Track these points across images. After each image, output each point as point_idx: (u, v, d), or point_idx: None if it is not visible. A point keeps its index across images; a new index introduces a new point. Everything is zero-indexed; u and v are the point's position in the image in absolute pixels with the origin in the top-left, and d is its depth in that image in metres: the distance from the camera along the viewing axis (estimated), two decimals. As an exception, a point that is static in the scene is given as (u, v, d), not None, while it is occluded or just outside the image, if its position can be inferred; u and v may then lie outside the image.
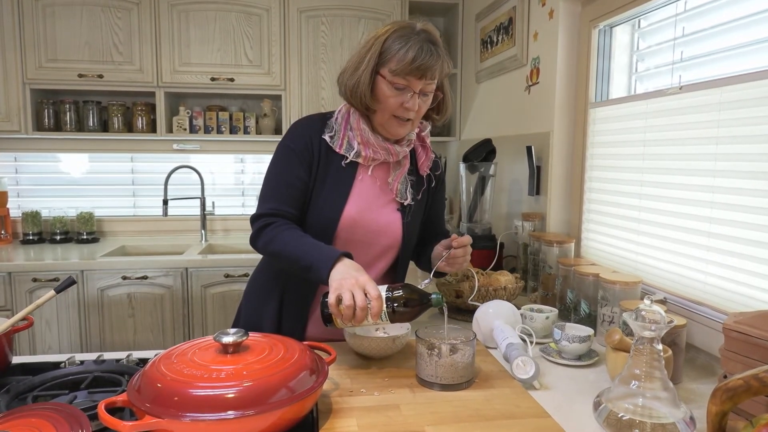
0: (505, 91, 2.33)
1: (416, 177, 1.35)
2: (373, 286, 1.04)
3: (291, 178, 1.24)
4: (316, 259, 1.11)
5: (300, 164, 1.25)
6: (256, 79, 2.76)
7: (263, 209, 1.24)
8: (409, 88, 1.18)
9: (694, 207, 1.30)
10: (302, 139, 1.26)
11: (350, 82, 1.22)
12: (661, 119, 1.43)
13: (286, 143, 1.27)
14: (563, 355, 1.26)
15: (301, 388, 0.85)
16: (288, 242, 1.17)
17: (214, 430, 0.78)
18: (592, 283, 1.44)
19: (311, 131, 1.27)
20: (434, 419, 0.93)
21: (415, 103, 1.19)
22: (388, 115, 1.22)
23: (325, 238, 1.24)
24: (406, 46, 1.16)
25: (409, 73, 1.16)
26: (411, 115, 1.21)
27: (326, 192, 1.26)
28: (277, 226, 1.21)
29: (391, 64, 1.17)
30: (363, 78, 1.19)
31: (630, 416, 0.91)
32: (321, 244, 1.16)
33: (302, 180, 1.25)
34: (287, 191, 1.24)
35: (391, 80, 1.18)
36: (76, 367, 1.03)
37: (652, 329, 0.92)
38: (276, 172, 1.26)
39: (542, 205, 1.96)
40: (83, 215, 2.91)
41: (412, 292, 1.08)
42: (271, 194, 1.25)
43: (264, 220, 1.22)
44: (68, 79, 2.62)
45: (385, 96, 1.20)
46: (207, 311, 2.53)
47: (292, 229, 1.20)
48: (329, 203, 1.25)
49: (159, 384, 0.81)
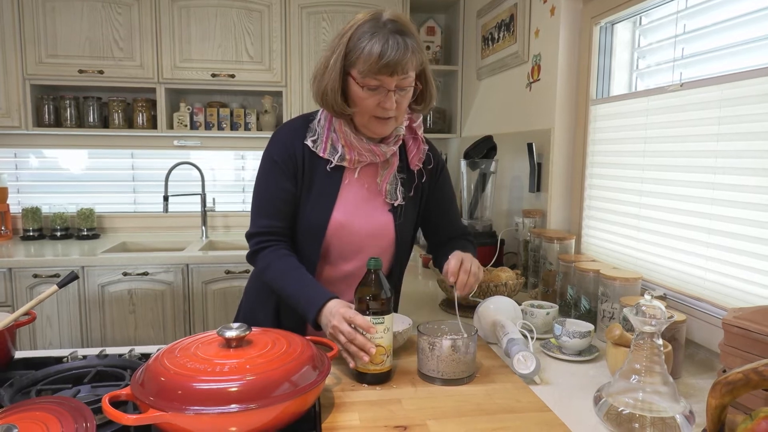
0: (506, 88, 2.33)
1: (407, 173, 1.31)
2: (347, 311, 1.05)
3: (278, 192, 1.23)
4: (304, 303, 1.13)
5: (284, 175, 1.22)
6: (256, 75, 2.76)
7: (256, 227, 1.24)
8: (383, 87, 1.11)
9: (695, 204, 1.31)
10: (284, 148, 1.23)
11: (320, 89, 1.16)
12: (662, 116, 1.43)
13: (270, 155, 1.24)
14: (564, 350, 1.27)
15: (303, 382, 0.85)
16: (279, 277, 1.19)
17: (217, 423, 0.79)
18: (593, 279, 1.45)
19: (293, 138, 1.24)
20: (436, 413, 0.94)
21: (393, 101, 1.13)
22: (368, 116, 1.16)
23: (315, 244, 1.24)
24: (371, 42, 1.08)
25: (379, 71, 1.09)
26: (391, 114, 1.15)
27: (313, 199, 1.23)
28: (272, 251, 1.21)
29: (358, 64, 1.10)
30: (331, 83, 1.13)
31: (630, 410, 0.91)
32: (309, 285, 1.16)
33: (289, 191, 1.23)
34: (275, 205, 1.23)
35: (362, 82, 1.11)
36: (79, 362, 1.03)
37: (652, 324, 0.92)
38: (264, 186, 1.25)
39: (543, 201, 1.96)
40: (83, 211, 2.91)
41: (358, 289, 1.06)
42: (261, 211, 1.25)
43: (258, 240, 1.23)
44: (68, 75, 2.62)
45: (359, 98, 1.14)
46: (208, 307, 2.54)
47: (284, 258, 1.20)
48: (316, 210, 1.23)
49: (162, 378, 0.82)
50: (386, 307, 1.05)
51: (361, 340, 1.02)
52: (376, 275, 1.05)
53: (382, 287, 1.05)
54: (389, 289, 1.06)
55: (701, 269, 1.29)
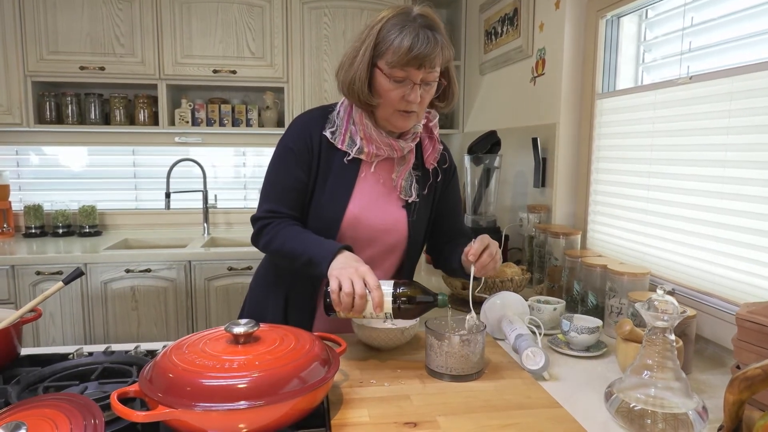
0: (510, 83, 2.31)
1: (422, 171, 1.31)
2: (372, 277, 1.04)
3: (290, 180, 1.22)
4: (316, 253, 1.11)
5: (298, 165, 1.22)
6: (258, 71, 2.75)
7: (262, 211, 1.23)
8: (409, 79, 1.13)
9: (704, 198, 1.30)
10: (301, 137, 1.23)
11: (346, 79, 1.17)
12: (669, 110, 1.42)
13: (285, 142, 1.24)
14: (572, 346, 1.26)
15: (312, 379, 0.84)
16: (288, 239, 1.17)
17: (226, 420, 0.78)
18: (600, 274, 1.44)
19: (311, 128, 1.23)
20: (445, 409, 0.93)
21: (417, 94, 1.14)
22: (391, 109, 1.17)
23: (329, 236, 1.22)
24: (401, 35, 1.09)
25: (407, 63, 1.10)
26: (414, 108, 1.16)
27: (328, 190, 1.23)
28: (277, 224, 1.20)
29: (387, 55, 1.11)
30: (359, 73, 1.14)
31: (642, 406, 0.91)
32: (321, 239, 1.15)
33: (301, 181, 1.23)
34: (286, 194, 1.23)
35: (389, 73, 1.12)
36: (86, 358, 1.03)
37: (664, 319, 0.91)
38: (275, 173, 1.24)
39: (548, 197, 1.95)
40: (85, 209, 2.90)
41: (418, 290, 1.08)
42: (270, 196, 1.24)
43: (263, 221, 1.22)
44: (70, 72, 2.61)
45: (384, 90, 1.15)
46: (210, 304, 2.53)
47: (291, 226, 1.20)
48: (331, 202, 1.23)
49: (171, 374, 0.81)
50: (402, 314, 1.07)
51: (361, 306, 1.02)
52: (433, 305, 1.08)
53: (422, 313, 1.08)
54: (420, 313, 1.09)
55: (710, 264, 1.28)
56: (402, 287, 1.07)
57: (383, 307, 1.04)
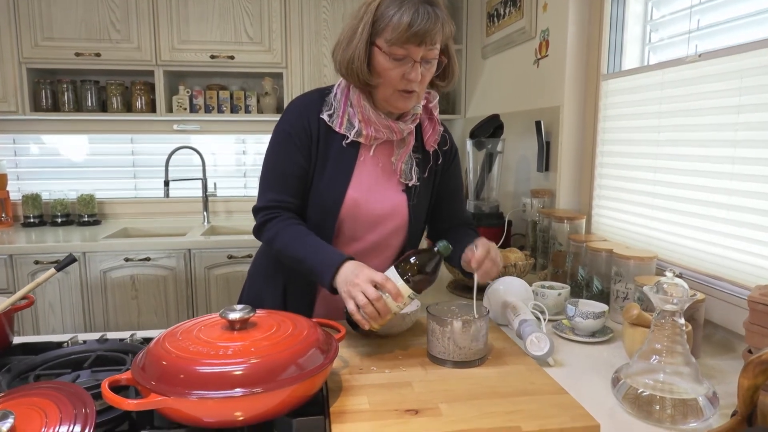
0: (513, 66, 2.27)
1: (422, 154, 1.27)
2: (377, 275, 1.02)
3: (290, 166, 1.19)
4: (318, 264, 1.09)
5: (298, 150, 1.19)
6: (256, 56, 2.70)
7: (264, 201, 1.20)
8: (409, 57, 1.09)
9: (713, 179, 1.26)
10: (299, 121, 1.19)
11: (344, 58, 1.12)
12: (678, 89, 1.38)
13: (283, 127, 1.20)
14: (576, 331, 1.23)
15: (310, 365, 0.82)
16: (290, 243, 1.14)
17: (221, 408, 0.75)
18: (605, 259, 1.41)
19: (309, 111, 1.20)
20: (448, 396, 0.91)
21: (418, 72, 1.10)
22: (391, 89, 1.13)
23: (328, 222, 1.20)
24: (400, 11, 1.05)
25: (407, 40, 1.06)
26: (415, 87, 1.13)
27: (327, 175, 1.19)
28: (280, 221, 1.17)
29: (386, 33, 1.07)
30: (357, 52, 1.09)
31: (650, 392, 0.88)
32: (323, 247, 1.12)
33: (301, 167, 1.19)
34: (287, 180, 1.19)
35: (389, 51, 1.08)
36: (79, 346, 1.00)
37: (674, 303, 0.88)
38: (274, 159, 1.20)
39: (551, 181, 1.92)
40: (84, 197, 2.87)
41: (418, 257, 1.04)
42: (270, 184, 1.20)
43: (266, 213, 1.19)
44: (65, 58, 2.57)
45: (384, 69, 1.11)
46: (211, 292, 2.51)
47: (294, 226, 1.16)
48: (330, 186, 1.19)
49: (164, 361, 0.79)
50: (424, 288, 1.04)
51: (383, 305, 1.00)
52: (440, 259, 1.04)
53: (437, 271, 1.04)
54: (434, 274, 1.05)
55: (720, 247, 1.25)
56: (402, 263, 1.04)
57: (402, 294, 1.01)
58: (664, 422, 0.86)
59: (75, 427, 0.71)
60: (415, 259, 1.03)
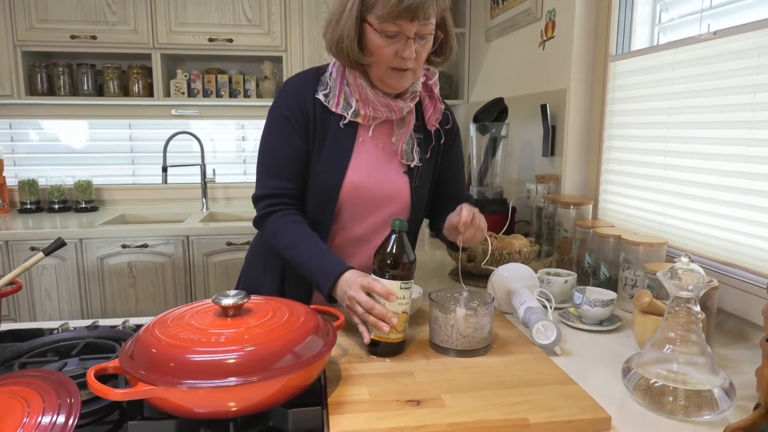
0: (518, 49, 2.21)
1: (424, 134, 1.22)
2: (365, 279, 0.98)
3: (288, 150, 1.14)
4: (316, 274, 1.06)
5: (295, 132, 1.14)
6: (255, 39, 2.65)
7: (264, 189, 1.15)
8: (401, 33, 1.03)
9: (728, 162, 1.21)
10: (294, 102, 1.14)
11: (334, 37, 1.07)
12: (691, 69, 1.32)
13: (278, 110, 1.15)
14: (584, 320, 1.19)
15: (307, 353, 0.78)
16: (292, 245, 1.10)
17: (213, 398, 0.72)
18: (613, 245, 1.37)
19: (303, 92, 1.15)
20: (451, 386, 0.87)
21: (412, 50, 1.04)
22: (384, 67, 1.08)
23: (327, 206, 1.16)
24: None
25: (399, 16, 1.00)
26: (410, 64, 1.07)
27: (325, 157, 1.15)
28: (281, 216, 1.13)
29: (376, 9, 1.02)
30: (347, 30, 1.04)
31: (663, 382, 0.84)
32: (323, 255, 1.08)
33: (300, 149, 1.14)
34: (286, 165, 1.14)
35: (380, 28, 1.03)
36: (67, 334, 0.96)
37: (689, 290, 0.84)
38: (271, 144, 1.16)
39: (557, 166, 1.87)
40: (81, 184, 2.83)
41: (380, 248, 0.98)
42: (269, 170, 1.16)
43: (266, 204, 1.14)
44: (60, 41, 2.52)
45: (376, 47, 1.05)
46: (209, 280, 2.48)
47: (295, 225, 1.12)
48: (329, 170, 1.15)
49: (154, 349, 0.75)
50: (410, 272, 0.98)
51: (380, 309, 0.95)
52: (400, 237, 0.97)
53: (404, 250, 0.97)
54: (412, 252, 0.99)
55: (733, 232, 1.20)
56: (374, 265, 0.98)
57: (393, 291, 0.95)
58: (677, 414, 0.83)
59: (58, 417, 0.67)
60: (380, 253, 0.98)
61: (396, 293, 0.96)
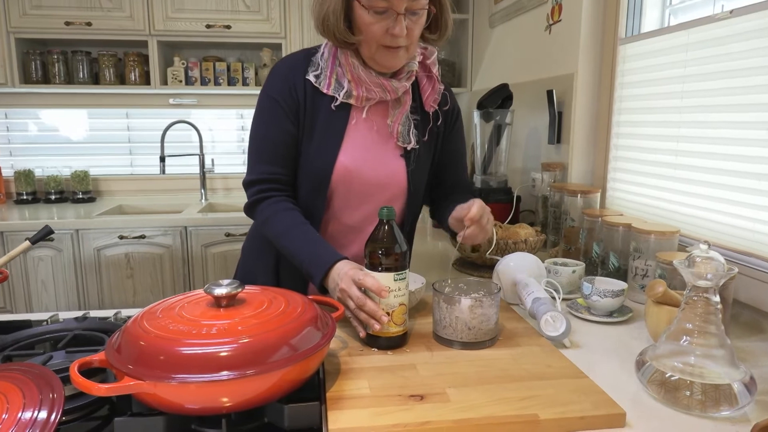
0: (523, 34, 2.15)
1: (421, 115, 1.17)
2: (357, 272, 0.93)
3: (278, 134, 1.09)
4: (307, 264, 1.02)
5: (286, 116, 1.09)
6: (254, 26, 2.59)
7: (255, 174, 1.11)
8: (391, 9, 0.97)
9: (745, 146, 1.16)
10: (284, 84, 1.09)
11: (320, 15, 1.02)
12: (705, 50, 1.27)
13: (268, 93, 1.10)
14: (593, 311, 1.15)
15: (305, 346, 0.74)
16: (281, 234, 1.06)
17: (205, 392, 0.68)
18: (623, 234, 1.32)
19: (293, 73, 1.09)
20: (456, 380, 0.83)
21: (403, 26, 0.98)
22: (375, 46, 1.02)
23: (319, 192, 1.11)
24: None
25: None
26: (402, 42, 1.01)
27: (316, 141, 1.10)
28: (273, 203, 1.08)
29: None
30: (332, 6, 0.99)
31: (679, 376, 0.80)
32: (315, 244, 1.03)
33: (291, 134, 1.10)
34: (277, 150, 1.10)
35: (368, 3, 0.97)
36: (55, 325, 0.92)
37: (708, 278, 0.80)
38: (262, 128, 1.11)
39: (563, 154, 1.82)
40: (78, 174, 2.79)
41: (369, 240, 0.93)
42: (260, 155, 1.11)
43: (257, 189, 1.10)
44: (55, 28, 2.46)
45: (364, 24, 0.99)
46: (208, 271, 2.44)
47: (287, 212, 1.07)
48: (320, 154, 1.10)
49: (142, 342, 0.71)
50: (402, 262, 0.92)
51: (372, 306, 0.90)
52: (389, 226, 0.92)
53: (396, 240, 0.92)
54: (405, 241, 0.93)
55: (750, 220, 1.16)
56: (366, 258, 0.93)
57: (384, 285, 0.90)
58: (694, 409, 0.78)
59: (40, 412, 0.63)
60: (369, 244, 0.93)
61: (390, 286, 0.91)
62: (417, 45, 1.09)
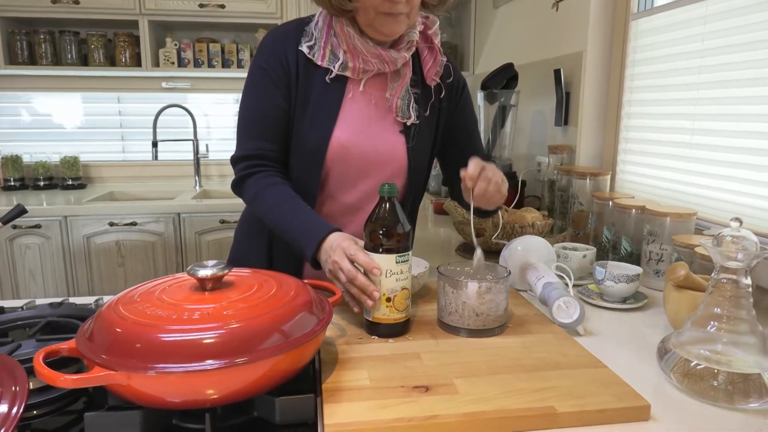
0: (529, 12, 2.07)
1: (422, 89, 1.09)
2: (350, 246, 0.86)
3: (268, 108, 1.03)
4: (299, 236, 0.95)
5: (276, 88, 1.02)
6: (249, 5, 2.50)
7: (243, 150, 1.04)
8: None
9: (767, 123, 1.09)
10: (274, 55, 1.02)
11: None
12: (725, 21, 1.20)
13: (258, 64, 1.03)
14: (606, 297, 1.09)
15: (298, 333, 0.67)
16: (270, 208, 1.00)
17: (188, 383, 0.61)
18: (635, 218, 1.25)
19: (285, 44, 1.02)
20: (463, 370, 0.76)
21: None
22: (373, 12, 0.95)
23: (313, 170, 1.04)
24: None
25: None
26: (401, 8, 0.94)
27: (309, 115, 1.03)
28: (261, 178, 1.02)
29: None
30: None
31: (705, 364, 0.73)
32: (306, 215, 0.97)
33: (281, 108, 1.03)
34: (266, 124, 1.03)
35: None
36: (27, 312, 0.85)
37: (739, 259, 0.73)
38: (252, 101, 1.04)
39: (571, 136, 1.74)
40: (67, 160, 2.71)
41: (369, 219, 0.87)
42: (249, 130, 1.04)
43: (245, 165, 1.04)
44: (41, 6, 2.37)
45: None
46: (202, 258, 2.37)
47: (276, 186, 1.01)
48: (314, 129, 1.03)
49: (118, 329, 0.64)
50: (404, 243, 0.85)
51: (363, 280, 0.84)
52: (390, 204, 0.85)
53: (398, 218, 0.85)
54: (407, 220, 0.87)
55: (772, 201, 1.09)
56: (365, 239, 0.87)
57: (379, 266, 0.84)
58: (720, 401, 0.72)
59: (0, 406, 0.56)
60: (369, 224, 0.86)
61: (392, 268, 0.84)
62: (418, 12, 1.02)
